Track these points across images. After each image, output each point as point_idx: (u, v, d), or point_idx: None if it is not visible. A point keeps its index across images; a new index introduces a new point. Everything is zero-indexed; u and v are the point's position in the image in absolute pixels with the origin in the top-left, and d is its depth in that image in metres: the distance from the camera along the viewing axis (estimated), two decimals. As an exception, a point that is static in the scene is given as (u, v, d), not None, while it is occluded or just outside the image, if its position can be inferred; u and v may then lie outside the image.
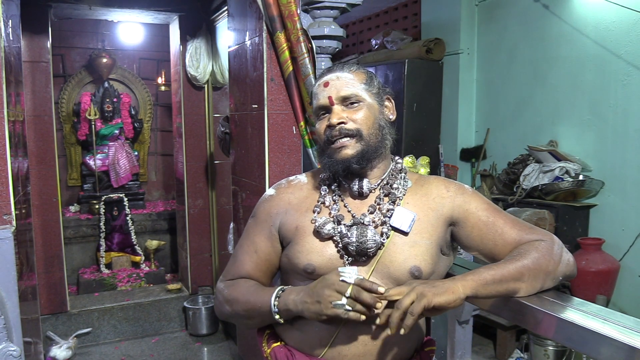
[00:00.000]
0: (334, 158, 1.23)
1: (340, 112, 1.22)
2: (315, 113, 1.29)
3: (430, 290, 1.03)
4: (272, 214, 1.31)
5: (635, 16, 2.99)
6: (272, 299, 1.17)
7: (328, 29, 2.38)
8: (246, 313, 1.24)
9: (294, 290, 1.16)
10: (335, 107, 1.22)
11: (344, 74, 1.24)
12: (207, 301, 3.77)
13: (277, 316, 1.17)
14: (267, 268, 1.32)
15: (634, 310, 3.01)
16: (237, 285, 1.29)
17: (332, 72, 1.26)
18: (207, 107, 3.83)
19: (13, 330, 1.74)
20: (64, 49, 4.62)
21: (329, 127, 1.22)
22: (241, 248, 1.35)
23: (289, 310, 1.15)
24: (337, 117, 1.21)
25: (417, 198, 1.26)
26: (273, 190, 1.36)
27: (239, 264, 1.33)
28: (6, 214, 1.80)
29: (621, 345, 0.93)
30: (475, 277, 1.08)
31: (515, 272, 1.10)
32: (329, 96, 1.23)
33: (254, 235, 1.32)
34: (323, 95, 1.24)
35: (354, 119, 1.21)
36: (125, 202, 4.40)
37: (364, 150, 1.21)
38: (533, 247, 1.15)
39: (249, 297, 1.23)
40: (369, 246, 1.17)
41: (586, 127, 3.32)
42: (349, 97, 1.22)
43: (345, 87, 1.23)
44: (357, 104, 1.23)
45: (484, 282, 1.08)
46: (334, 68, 1.28)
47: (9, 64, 1.92)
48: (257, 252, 1.31)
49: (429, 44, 4.00)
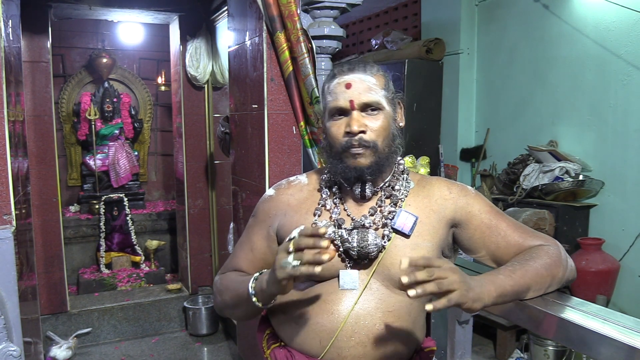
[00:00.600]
0: (347, 164, 1.18)
1: (361, 119, 1.16)
2: (328, 111, 1.21)
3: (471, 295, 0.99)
4: (271, 214, 1.31)
5: (635, 16, 2.99)
6: (249, 282, 1.16)
7: (328, 29, 2.38)
8: (232, 301, 1.25)
9: (267, 271, 1.15)
10: (355, 112, 1.16)
11: (367, 77, 1.18)
12: (207, 301, 3.77)
13: (255, 299, 1.14)
14: (261, 267, 1.31)
15: (634, 310, 3.01)
16: (228, 275, 1.32)
17: (353, 72, 1.19)
18: (207, 107, 3.83)
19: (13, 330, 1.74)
20: (64, 49, 4.62)
21: (348, 133, 1.16)
22: (239, 245, 1.37)
23: (263, 290, 1.12)
24: (357, 124, 1.15)
25: (419, 200, 1.25)
26: (273, 190, 1.35)
27: (234, 260, 1.36)
28: (6, 214, 1.81)
29: (621, 345, 0.93)
30: (498, 289, 1.06)
31: (531, 281, 1.11)
32: (351, 100, 1.16)
33: (252, 234, 1.34)
34: (344, 97, 1.17)
35: (373, 128, 1.17)
36: (125, 202, 4.40)
37: (377, 162, 1.18)
38: (544, 253, 1.15)
39: (235, 285, 1.24)
40: (370, 250, 1.17)
41: (586, 127, 3.32)
42: (372, 104, 1.17)
43: (368, 93, 1.17)
44: (376, 112, 1.18)
45: (504, 293, 1.07)
46: (355, 67, 1.20)
47: (9, 64, 1.92)
48: (252, 251, 1.32)
49: (429, 44, 4.00)
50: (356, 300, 1.17)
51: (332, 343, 1.17)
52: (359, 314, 1.16)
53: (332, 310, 1.17)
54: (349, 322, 1.16)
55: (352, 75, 1.18)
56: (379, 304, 1.17)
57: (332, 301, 1.17)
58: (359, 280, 1.18)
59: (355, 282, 1.18)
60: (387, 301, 1.18)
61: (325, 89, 1.23)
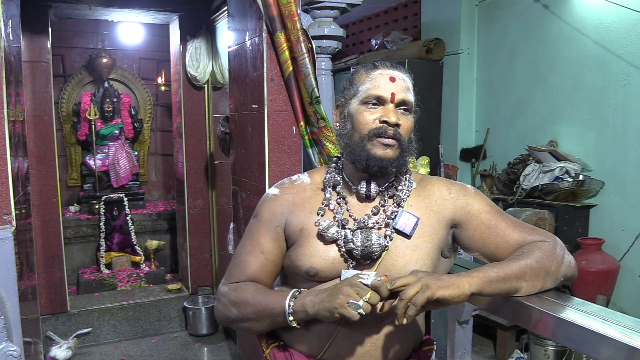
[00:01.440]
0: (374, 153, 1.18)
1: (397, 114, 1.19)
2: (364, 98, 1.20)
3: (436, 282, 1.03)
4: (277, 213, 1.28)
5: (635, 16, 2.99)
6: (287, 300, 1.14)
7: (328, 29, 2.38)
8: (256, 315, 1.20)
9: (312, 291, 1.14)
10: (392, 106, 1.19)
11: (406, 78, 1.24)
12: (207, 301, 3.77)
13: (291, 317, 1.13)
14: (272, 269, 1.29)
15: (634, 310, 3.01)
16: (244, 288, 1.24)
17: (396, 70, 1.23)
18: (207, 107, 3.83)
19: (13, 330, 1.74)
20: (64, 49, 4.62)
21: (384, 121, 1.17)
22: (244, 249, 1.30)
23: (306, 312, 1.11)
24: (396, 117, 1.18)
25: (420, 200, 1.26)
26: (276, 189, 1.32)
27: (243, 266, 1.28)
28: (6, 214, 1.81)
29: (621, 345, 0.93)
30: (480, 274, 1.07)
31: (519, 271, 1.10)
32: (393, 93, 1.19)
33: (259, 236, 1.28)
34: (387, 88, 1.19)
35: (404, 126, 1.20)
36: (125, 202, 4.40)
37: (400, 157, 1.20)
38: (536, 247, 1.15)
39: (260, 299, 1.19)
40: (374, 250, 1.17)
41: (586, 127, 3.32)
42: (407, 103, 1.21)
43: (408, 92, 1.21)
44: (408, 113, 1.22)
45: (489, 279, 1.07)
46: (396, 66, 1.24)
47: (9, 64, 1.92)
48: (263, 253, 1.27)
49: (429, 44, 4.00)
50: None
51: (331, 342, 1.18)
52: (359, 313, 1.16)
53: None
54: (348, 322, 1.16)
55: (395, 71, 1.23)
56: None
57: None
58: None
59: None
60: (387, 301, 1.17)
61: (363, 76, 1.23)
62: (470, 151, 4.11)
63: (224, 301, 1.26)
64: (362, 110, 1.20)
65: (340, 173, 1.29)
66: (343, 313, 1.03)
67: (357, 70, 1.26)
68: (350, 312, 1.03)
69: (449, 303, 1.04)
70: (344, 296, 1.04)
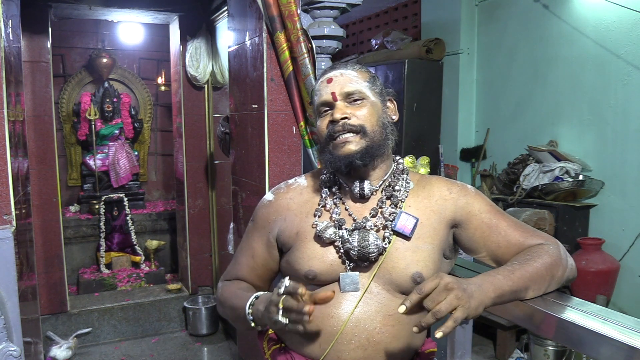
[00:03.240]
0: (336, 154, 1.19)
1: (344, 108, 1.19)
2: (317, 110, 1.25)
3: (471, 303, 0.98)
4: (270, 220, 1.30)
5: (635, 16, 2.99)
6: (246, 306, 1.17)
7: (328, 29, 2.38)
8: (231, 315, 1.27)
9: (263, 299, 1.15)
10: (339, 102, 1.20)
11: (347, 71, 1.22)
12: (207, 301, 3.77)
13: (253, 324, 1.16)
14: (263, 272, 1.33)
15: (634, 310, 3.01)
16: (229, 287, 1.31)
17: (335, 70, 1.24)
18: (207, 107, 3.83)
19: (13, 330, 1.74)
20: (64, 49, 4.62)
21: (331, 122, 1.19)
22: (240, 251, 1.36)
23: (260, 319, 1.14)
24: (340, 112, 1.18)
25: (419, 200, 1.25)
26: (272, 195, 1.33)
27: (237, 266, 1.35)
28: (6, 214, 1.80)
29: (621, 345, 0.93)
30: (496, 289, 1.05)
31: (529, 280, 1.10)
32: (332, 92, 1.20)
33: (252, 240, 1.33)
34: (326, 91, 1.21)
35: (358, 115, 1.19)
36: (125, 202, 4.40)
37: (367, 147, 1.18)
38: (544, 252, 1.14)
39: (234, 301, 1.24)
40: (370, 251, 1.16)
41: (586, 127, 3.32)
42: (353, 93, 1.20)
43: (349, 84, 1.20)
44: (360, 101, 1.20)
45: (502, 294, 1.06)
46: (337, 66, 1.25)
47: (9, 64, 1.92)
48: (253, 257, 1.32)
49: (429, 44, 3.99)
50: (356, 303, 1.16)
51: (332, 346, 1.17)
52: (359, 317, 1.16)
53: (332, 314, 1.17)
54: (349, 326, 1.15)
55: (333, 71, 1.24)
56: (380, 307, 1.17)
57: (333, 304, 1.16)
58: (360, 283, 1.18)
59: (357, 284, 1.17)
60: (388, 305, 1.17)
61: (314, 91, 1.27)
62: (470, 151, 4.11)
63: (216, 297, 1.38)
64: (319, 121, 1.24)
65: (335, 174, 1.29)
66: (276, 327, 1.08)
67: None
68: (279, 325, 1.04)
69: None
70: (270, 315, 1.06)
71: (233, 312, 1.25)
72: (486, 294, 1.03)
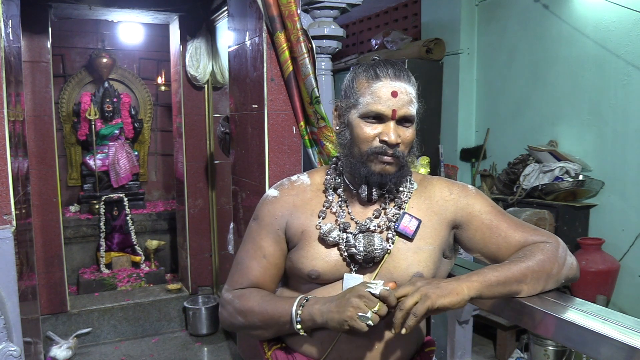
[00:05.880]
0: (372, 170, 1.16)
1: (397, 130, 1.15)
2: (364, 111, 1.15)
3: (435, 291, 1.02)
4: (278, 216, 1.26)
5: (635, 16, 2.99)
6: (294, 308, 1.13)
7: (328, 29, 2.38)
8: (263, 323, 1.20)
9: (319, 300, 1.13)
10: (393, 123, 1.14)
11: (410, 88, 1.17)
12: (207, 301, 3.76)
13: (299, 326, 1.13)
14: (275, 273, 1.28)
15: (634, 310, 3.01)
16: (249, 295, 1.23)
17: (399, 80, 1.16)
18: (207, 107, 3.83)
19: (13, 330, 1.74)
20: (64, 49, 4.62)
21: (384, 141, 1.14)
22: (246, 254, 1.28)
23: (314, 320, 1.10)
24: (396, 135, 1.14)
25: (421, 201, 1.25)
26: (276, 191, 1.30)
27: (246, 271, 1.27)
28: (6, 214, 1.80)
29: (621, 345, 0.93)
30: (480, 278, 1.07)
31: (519, 274, 1.10)
32: (395, 109, 1.14)
33: (260, 240, 1.27)
34: (388, 104, 1.13)
35: (404, 140, 1.16)
36: (125, 202, 4.40)
37: (400, 172, 1.19)
38: (538, 249, 1.14)
39: (266, 307, 1.18)
40: (376, 254, 1.17)
41: (586, 127, 3.32)
42: (410, 118, 1.16)
43: (410, 106, 1.16)
44: (409, 124, 1.18)
45: (489, 283, 1.07)
46: (400, 73, 1.17)
47: (9, 64, 1.92)
48: (265, 257, 1.26)
49: (429, 44, 3.99)
50: None
51: (333, 346, 1.17)
52: (361, 317, 1.16)
53: None
54: None
55: (398, 83, 1.16)
56: None
57: None
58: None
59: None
60: None
61: (364, 86, 1.16)
62: (470, 151, 4.11)
63: (229, 309, 1.25)
64: (362, 125, 1.16)
65: (340, 175, 1.27)
66: (353, 325, 1.03)
67: (358, 74, 1.19)
68: (360, 324, 1.02)
69: (449, 309, 1.04)
70: (353, 308, 1.03)
71: (265, 319, 1.18)
72: (467, 284, 1.05)
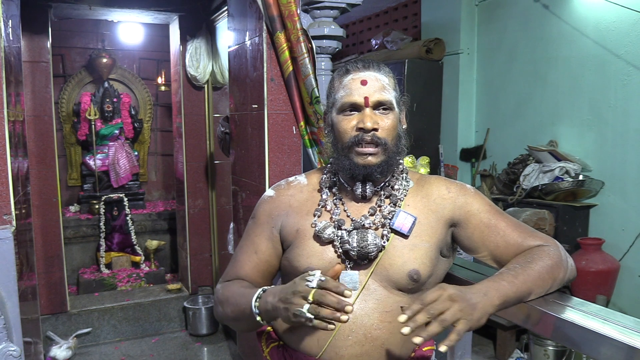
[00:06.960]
0: (356, 162, 1.18)
1: (374, 117, 1.16)
2: (340, 106, 1.19)
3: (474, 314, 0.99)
4: (273, 215, 1.29)
5: (635, 16, 2.99)
6: (253, 300, 1.13)
7: (328, 29, 2.38)
8: (234, 315, 1.21)
9: (272, 291, 1.11)
10: (368, 109, 1.16)
11: (381, 76, 1.18)
12: (207, 301, 3.77)
13: (259, 318, 1.12)
14: (266, 269, 1.30)
15: (634, 310, 3.01)
16: (230, 286, 1.27)
17: (368, 70, 1.18)
18: (207, 107, 3.83)
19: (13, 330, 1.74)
20: (64, 49, 4.62)
21: (360, 129, 1.16)
22: (241, 249, 1.33)
23: (268, 312, 1.09)
24: (371, 121, 1.15)
25: (418, 199, 1.25)
26: (272, 191, 1.34)
27: (238, 265, 1.31)
28: (6, 214, 1.80)
29: (621, 345, 0.93)
30: (500, 296, 1.05)
31: (532, 284, 1.10)
32: (366, 97, 1.16)
33: (254, 237, 1.31)
34: (359, 92, 1.16)
35: (384, 127, 1.17)
36: (125, 202, 4.40)
37: (386, 162, 1.19)
38: (545, 255, 1.14)
39: (237, 299, 1.20)
40: (370, 250, 1.17)
41: (586, 127, 3.32)
42: (385, 103, 1.17)
43: (383, 92, 1.17)
44: (387, 111, 1.18)
45: (507, 300, 1.06)
46: (370, 65, 1.20)
47: (9, 64, 1.92)
48: (256, 253, 1.30)
49: (429, 44, 4.00)
50: (354, 300, 1.17)
51: (329, 342, 1.17)
52: (357, 313, 1.16)
53: None
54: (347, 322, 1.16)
55: (367, 72, 1.18)
56: (377, 304, 1.17)
57: None
58: (358, 281, 1.18)
59: (356, 283, 1.18)
60: (385, 301, 1.18)
61: (337, 83, 1.21)
62: (470, 151, 4.11)
63: (214, 298, 1.32)
64: (340, 119, 1.19)
65: (336, 174, 1.29)
66: (292, 320, 1.02)
67: (333, 77, 1.24)
68: (297, 320, 1.00)
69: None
70: (290, 305, 1.01)
71: (236, 310, 1.20)
72: (491, 302, 1.03)
